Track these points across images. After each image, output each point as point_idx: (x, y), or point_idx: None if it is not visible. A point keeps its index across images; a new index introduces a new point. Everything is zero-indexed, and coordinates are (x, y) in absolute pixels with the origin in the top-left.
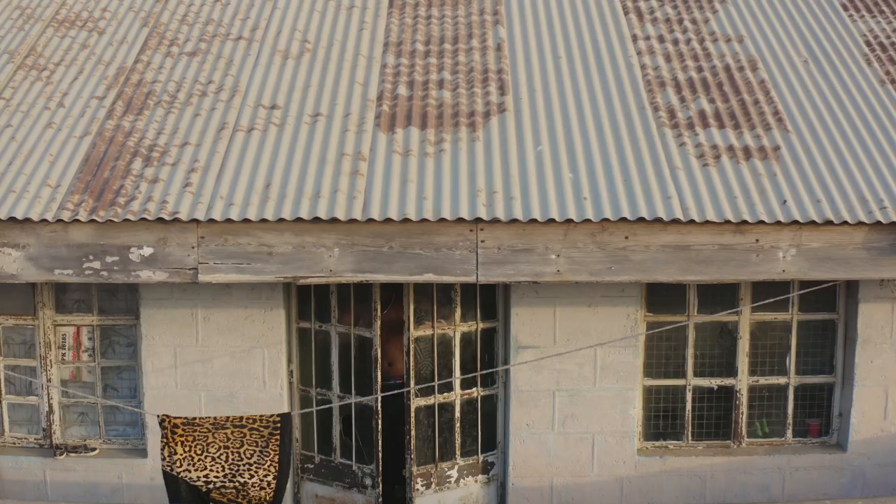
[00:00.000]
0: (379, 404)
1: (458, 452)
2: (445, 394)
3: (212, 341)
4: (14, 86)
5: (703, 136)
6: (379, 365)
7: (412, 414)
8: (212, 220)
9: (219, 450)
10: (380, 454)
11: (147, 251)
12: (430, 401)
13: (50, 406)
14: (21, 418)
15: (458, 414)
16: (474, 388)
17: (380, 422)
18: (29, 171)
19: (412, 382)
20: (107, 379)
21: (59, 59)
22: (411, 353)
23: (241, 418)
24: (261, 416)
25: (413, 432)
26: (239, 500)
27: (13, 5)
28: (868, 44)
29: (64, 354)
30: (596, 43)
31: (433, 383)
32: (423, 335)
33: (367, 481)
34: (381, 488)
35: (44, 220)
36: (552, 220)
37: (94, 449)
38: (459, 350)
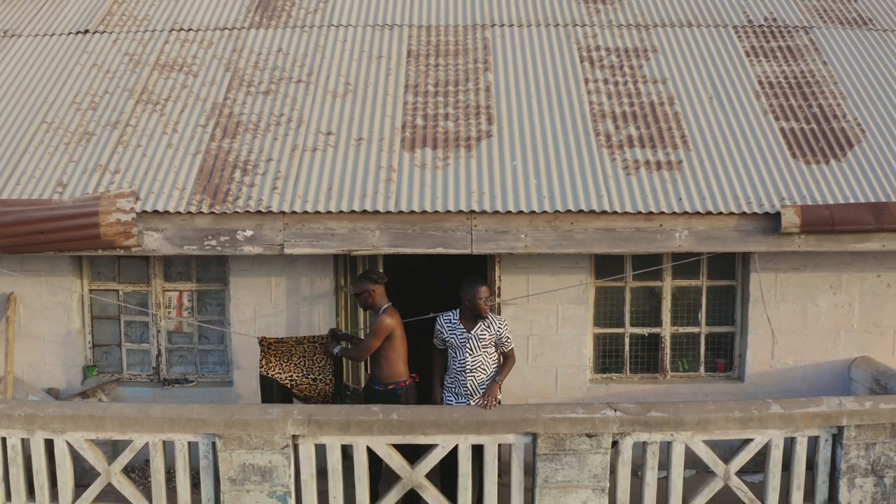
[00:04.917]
0: None
1: None
2: None
3: (281, 300)
4: (137, 115)
5: (629, 154)
6: None
7: None
8: (293, 212)
9: (299, 358)
10: None
11: (249, 233)
12: None
13: (159, 350)
14: (135, 361)
15: None
16: None
17: None
18: (161, 178)
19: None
20: (201, 331)
21: (167, 95)
22: None
23: (314, 336)
24: (323, 335)
25: None
26: (312, 393)
27: (122, 51)
28: (760, 83)
29: (170, 312)
30: (558, 85)
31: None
32: None
33: None
34: None
35: (177, 212)
36: (521, 212)
37: (192, 381)
38: None
